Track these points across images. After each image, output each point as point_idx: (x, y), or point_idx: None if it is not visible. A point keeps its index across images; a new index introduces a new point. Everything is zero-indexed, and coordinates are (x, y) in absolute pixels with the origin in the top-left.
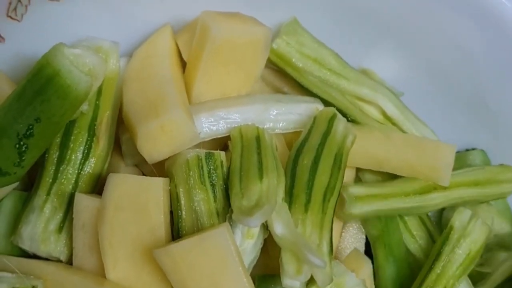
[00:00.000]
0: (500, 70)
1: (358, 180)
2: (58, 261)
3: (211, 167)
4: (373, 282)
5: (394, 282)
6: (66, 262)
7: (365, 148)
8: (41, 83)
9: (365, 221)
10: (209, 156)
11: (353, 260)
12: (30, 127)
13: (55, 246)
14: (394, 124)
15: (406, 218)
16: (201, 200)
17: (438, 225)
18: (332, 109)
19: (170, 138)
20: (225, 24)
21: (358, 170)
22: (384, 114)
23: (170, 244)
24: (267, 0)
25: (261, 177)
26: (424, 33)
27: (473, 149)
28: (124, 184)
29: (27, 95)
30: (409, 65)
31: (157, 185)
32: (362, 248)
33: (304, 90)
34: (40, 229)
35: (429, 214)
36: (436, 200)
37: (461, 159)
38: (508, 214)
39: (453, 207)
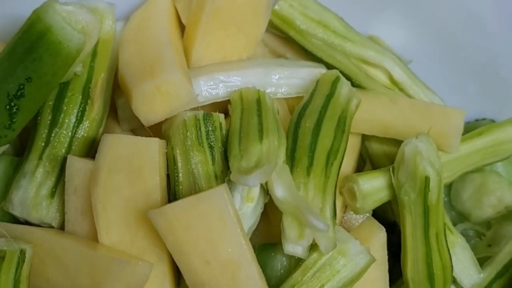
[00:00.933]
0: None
1: (364, 149)
2: (50, 227)
3: (210, 128)
4: (386, 251)
5: None
6: (59, 228)
7: (370, 113)
8: (31, 40)
9: None
10: (207, 116)
11: (366, 229)
12: (21, 87)
13: (47, 212)
14: (401, 89)
15: None
16: (199, 162)
17: (448, 197)
18: (335, 72)
19: (167, 99)
20: None
21: (365, 138)
22: (391, 78)
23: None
24: None
25: (261, 138)
26: (434, 1)
27: (483, 119)
28: (119, 145)
29: (17, 53)
30: (418, 33)
31: (153, 146)
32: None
33: (308, 56)
34: (32, 194)
35: None
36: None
37: (470, 129)
38: None
39: (462, 178)
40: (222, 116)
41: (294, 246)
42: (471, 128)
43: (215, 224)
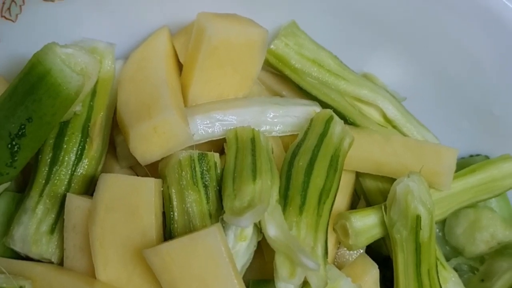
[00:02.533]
0: (505, 75)
1: (358, 184)
2: (50, 262)
3: (204, 168)
4: None
5: None
6: (58, 264)
7: (364, 151)
8: (32, 82)
9: None
10: (202, 156)
11: (359, 265)
12: (22, 126)
13: (47, 248)
14: (394, 127)
15: None
16: (194, 201)
17: (442, 232)
18: (329, 111)
19: (163, 139)
20: (221, 24)
21: (359, 174)
22: (384, 116)
23: (160, 244)
24: (265, 4)
25: (254, 178)
26: (429, 37)
27: (478, 155)
28: (116, 184)
29: (18, 94)
30: (412, 70)
31: (149, 186)
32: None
33: (303, 94)
34: (32, 230)
35: None
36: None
37: (465, 165)
38: None
39: (456, 214)
40: (217, 155)
41: (286, 285)
42: (465, 163)
43: (208, 263)
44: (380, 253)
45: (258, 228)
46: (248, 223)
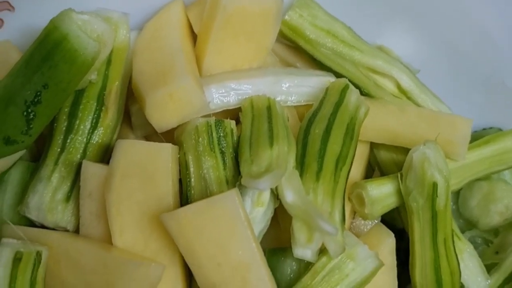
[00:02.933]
0: None
1: (372, 156)
2: (65, 231)
3: (221, 134)
4: (395, 257)
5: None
6: (73, 232)
7: (378, 121)
8: (48, 48)
9: None
10: (218, 123)
11: (375, 234)
12: (38, 93)
13: (62, 216)
14: (409, 98)
15: None
16: (211, 167)
17: (456, 205)
18: (344, 80)
19: (179, 106)
20: None
21: (373, 146)
22: (399, 87)
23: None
24: None
25: (271, 144)
26: (442, 10)
27: (490, 128)
28: (132, 151)
29: (34, 61)
30: (426, 43)
31: (166, 152)
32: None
33: (317, 65)
34: (48, 198)
35: None
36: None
37: (478, 138)
38: None
39: (469, 186)
40: (233, 122)
41: (303, 250)
42: (478, 137)
43: (226, 227)
44: (394, 225)
45: (275, 195)
46: (266, 186)
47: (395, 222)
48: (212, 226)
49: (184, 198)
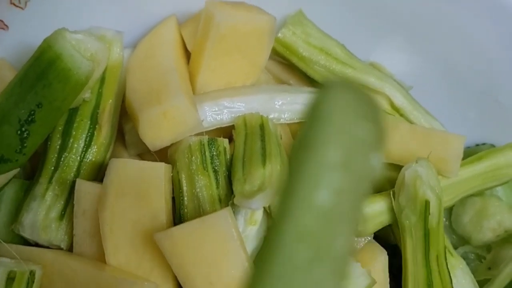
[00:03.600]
0: (511, 64)
1: None
2: (59, 249)
3: (214, 153)
4: (387, 274)
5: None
6: (67, 250)
7: None
8: (42, 67)
9: None
10: (211, 141)
11: (368, 251)
12: (32, 112)
13: (56, 234)
14: (402, 115)
15: None
16: (203, 186)
17: (449, 221)
18: None
19: (173, 124)
20: (229, 12)
21: None
22: (392, 104)
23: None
24: None
25: (264, 163)
26: (435, 26)
27: (483, 144)
28: (126, 169)
29: (28, 79)
30: (418, 59)
31: (159, 170)
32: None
33: (310, 82)
34: (41, 216)
35: None
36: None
37: (471, 154)
38: None
39: (462, 202)
40: (226, 141)
41: None
42: (471, 153)
43: (218, 246)
44: (387, 241)
45: (268, 213)
46: (259, 205)
47: (388, 238)
48: (205, 245)
49: (177, 216)
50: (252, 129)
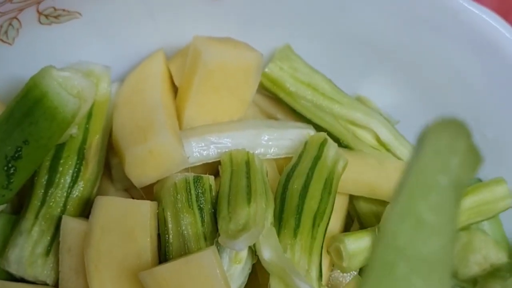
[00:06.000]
0: (498, 99)
1: (352, 207)
2: (45, 284)
3: (199, 191)
4: None
5: None
6: (53, 286)
7: (357, 174)
8: (28, 105)
9: None
10: (197, 179)
11: (353, 287)
12: (19, 149)
13: (42, 270)
14: (388, 150)
15: None
16: (189, 224)
17: None
18: (323, 134)
19: (158, 162)
20: (217, 48)
21: (352, 197)
22: (378, 139)
23: (155, 266)
24: (260, 27)
25: (249, 201)
26: (422, 60)
27: None
28: (111, 207)
29: (15, 117)
30: (406, 94)
31: (144, 208)
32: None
33: (298, 117)
34: (28, 252)
35: None
36: None
37: None
38: (505, 244)
39: None
40: (212, 178)
41: None
42: None
43: (203, 285)
44: None
45: (253, 251)
46: (243, 246)
47: None
48: (190, 284)
49: (162, 253)
50: (238, 166)
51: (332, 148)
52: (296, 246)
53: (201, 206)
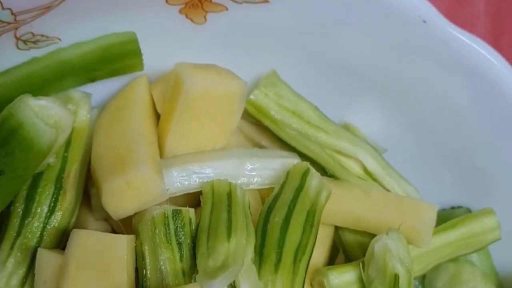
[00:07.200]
0: (487, 128)
1: (337, 237)
2: None
3: (178, 225)
4: None
5: None
6: None
7: (343, 205)
8: (4, 135)
9: None
10: (176, 213)
11: None
12: None
13: None
14: (375, 179)
15: None
16: (167, 260)
17: (422, 285)
18: (305, 164)
19: (136, 194)
20: (199, 76)
21: (338, 227)
22: (364, 169)
23: None
24: (245, 52)
25: (229, 236)
26: (410, 89)
27: (459, 207)
28: (87, 241)
29: None
30: (394, 121)
31: (121, 243)
32: None
33: (283, 144)
34: (2, 284)
35: None
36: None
37: (446, 218)
38: (494, 276)
39: (436, 267)
40: (192, 211)
41: None
42: (446, 216)
43: None
44: None
45: (233, 287)
46: (221, 286)
47: None
48: None
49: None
50: (219, 197)
51: (314, 178)
52: (277, 282)
53: (180, 241)
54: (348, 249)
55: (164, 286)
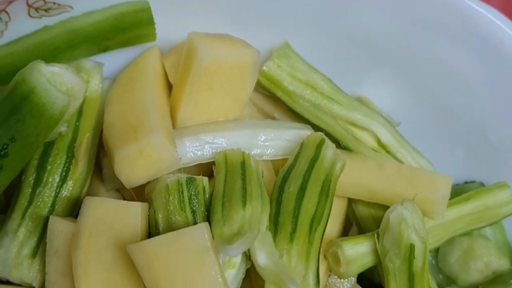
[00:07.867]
0: (500, 101)
1: (351, 210)
2: (31, 287)
3: (192, 193)
4: None
5: None
6: None
7: (356, 177)
8: (15, 101)
9: None
10: (190, 181)
11: None
12: (5, 147)
13: (28, 272)
14: (388, 152)
15: None
16: (181, 227)
17: (436, 259)
18: (320, 134)
19: (149, 163)
20: (212, 45)
21: (351, 200)
22: (378, 141)
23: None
24: (258, 23)
25: (244, 204)
26: (423, 62)
27: (472, 181)
28: (100, 209)
29: (2, 113)
30: (407, 95)
31: (135, 210)
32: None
33: (295, 117)
34: (13, 253)
35: None
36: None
37: (459, 192)
38: (507, 251)
39: (450, 242)
40: (205, 179)
41: None
42: (460, 191)
43: (193, 260)
44: (372, 280)
45: (247, 256)
46: (238, 252)
47: (373, 277)
48: (180, 258)
49: None
50: (233, 166)
51: (329, 149)
52: (292, 251)
53: (194, 208)
54: (361, 222)
55: None
